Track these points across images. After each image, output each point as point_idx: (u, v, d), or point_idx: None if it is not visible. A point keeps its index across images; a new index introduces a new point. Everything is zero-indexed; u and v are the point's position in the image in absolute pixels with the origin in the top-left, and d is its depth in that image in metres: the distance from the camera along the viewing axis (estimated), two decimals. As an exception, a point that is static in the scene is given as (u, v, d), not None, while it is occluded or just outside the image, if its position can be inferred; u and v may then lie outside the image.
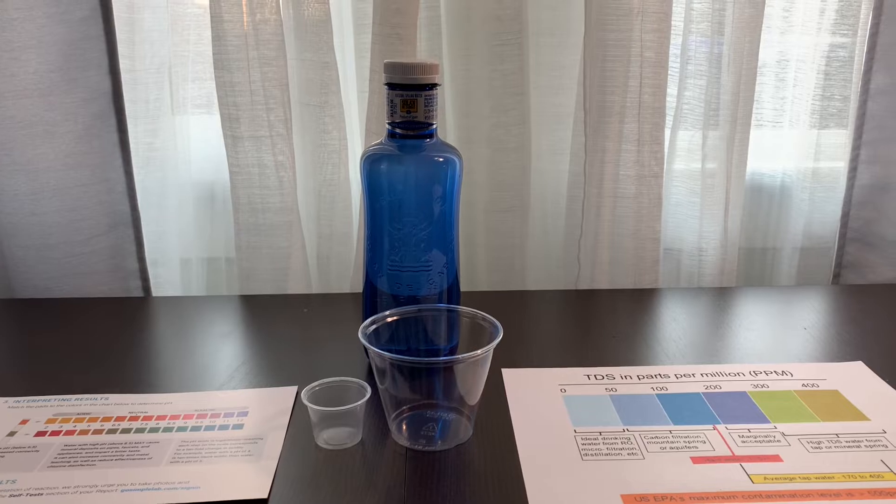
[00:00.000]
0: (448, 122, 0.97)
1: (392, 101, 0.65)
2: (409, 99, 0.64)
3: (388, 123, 0.66)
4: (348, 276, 0.99)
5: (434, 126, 0.67)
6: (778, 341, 0.81)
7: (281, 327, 0.85)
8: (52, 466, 0.59)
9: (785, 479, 0.56)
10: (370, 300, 0.71)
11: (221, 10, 0.86)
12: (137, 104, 0.96)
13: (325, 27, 0.90)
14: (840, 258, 1.05)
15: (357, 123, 0.98)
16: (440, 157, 0.67)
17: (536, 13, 0.94)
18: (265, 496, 0.55)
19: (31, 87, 0.87)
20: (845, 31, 0.99)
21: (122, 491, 0.55)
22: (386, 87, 0.65)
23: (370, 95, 0.90)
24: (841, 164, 1.04)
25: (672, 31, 0.91)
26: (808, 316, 0.88)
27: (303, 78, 0.92)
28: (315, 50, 0.90)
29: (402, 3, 0.86)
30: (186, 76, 0.99)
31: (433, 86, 0.65)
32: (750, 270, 1.09)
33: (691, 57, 0.95)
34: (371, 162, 0.67)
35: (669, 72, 0.92)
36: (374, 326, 0.63)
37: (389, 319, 0.64)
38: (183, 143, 1.01)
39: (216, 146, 0.95)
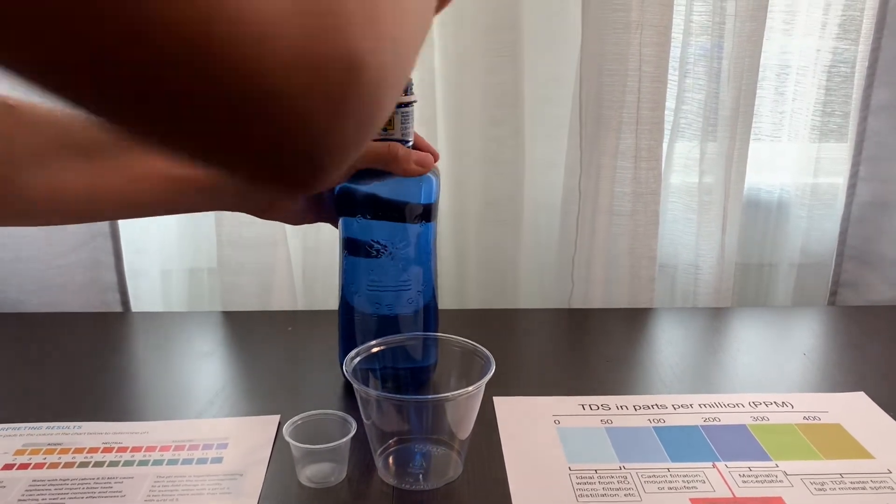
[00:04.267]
0: (440, 132, 0.94)
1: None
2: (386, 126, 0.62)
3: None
4: (335, 293, 0.96)
5: (410, 142, 0.64)
6: (777, 368, 0.79)
7: (264, 347, 0.82)
8: (18, 505, 0.55)
9: (788, 525, 0.54)
10: (346, 318, 0.68)
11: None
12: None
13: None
14: (837, 276, 1.03)
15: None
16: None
17: (532, 23, 0.91)
18: (244, 542, 0.52)
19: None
20: (847, 46, 0.96)
21: (92, 534, 0.52)
22: None
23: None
24: (840, 180, 1.02)
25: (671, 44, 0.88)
26: (807, 340, 0.86)
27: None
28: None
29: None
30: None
31: (409, 103, 0.63)
32: (745, 287, 1.07)
33: (690, 70, 0.92)
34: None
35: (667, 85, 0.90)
36: (358, 358, 0.60)
37: (375, 350, 0.62)
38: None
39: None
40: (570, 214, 0.94)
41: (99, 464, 0.61)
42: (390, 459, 0.60)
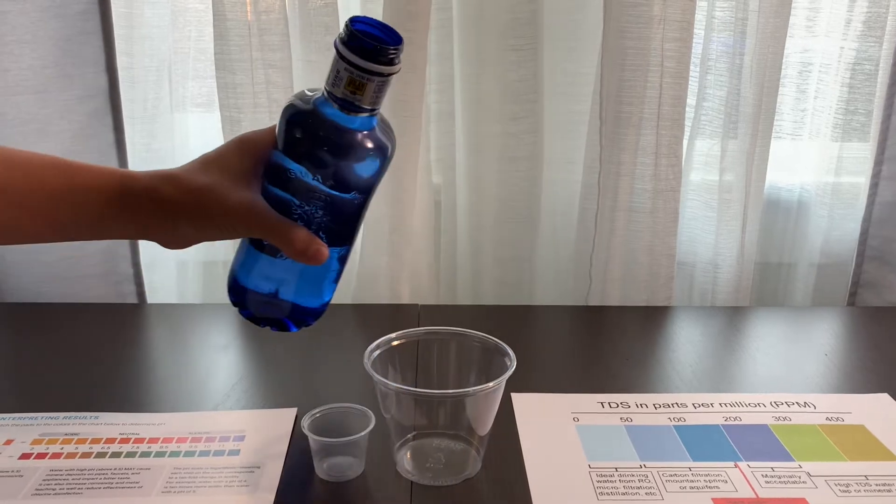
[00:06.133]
0: (458, 127, 0.94)
1: (337, 71, 0.51)
2: (357, 80, 0.51)
3: (326, 90, 0.52)
4: (350, 285, 0.95)
5: (376, 117, 0.54)
6: (798, 368, 0.78)
7: (281, 340, 0.80)
8: (36, 494, 0.55)
9: (813, 526, 0.53)
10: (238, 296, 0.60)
11: (224, 7, 0.82)
12: (135, 103, 0.92)
13: (332, 29, 0.86)
14: (857, 276, 1.02)
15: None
16: (373, 145, 0.55)
17: (552, 18, 0.91)
18: (262, 535, 0.51)
19: (24, 84, 0.83)
20: (871, 44, 0.95)
21: (109, 525, 0.52)
22: (335, 47, 0.50)
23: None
24: (862, 180, 1.00)
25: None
26: (828, 340, 0.85)
27: (308, 81, 0.88)
28: (322, 52, 0.86)
29: (414, 6, 0.82)
30: (187, 73, 0.95)
31: (391, 74, 0.52)
32: (764, 286, 1.06)
33: (711, 66, 0.91)
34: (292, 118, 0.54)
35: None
36: (378, 352, 0.60)
37: (395, 343, 0.61)
38: (181, 143, 0.97)
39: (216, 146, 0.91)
40: (589, 211, 0.93)
41: (116, 454, 0.60)
42: (409, 454, 0.59)
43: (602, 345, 0.84)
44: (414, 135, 0.87)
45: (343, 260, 0.58)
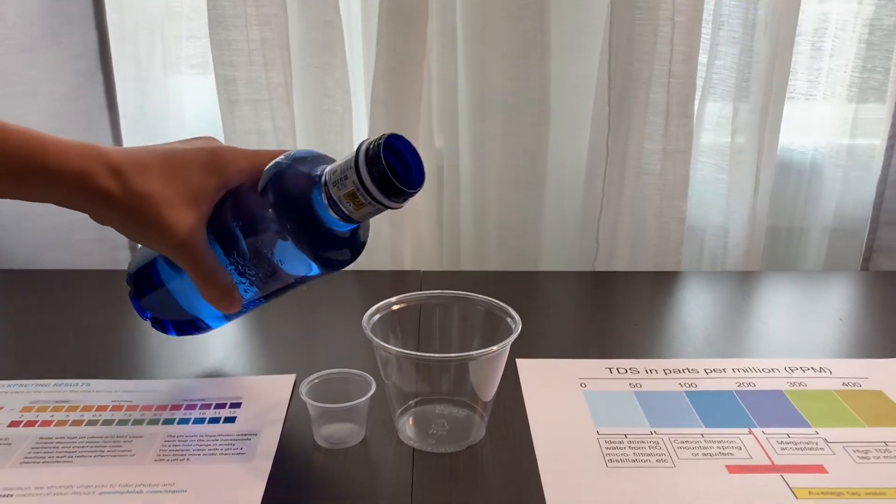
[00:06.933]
0: (460, 85, 0.90)
1: (346, 176, 0.48)
2: (360, 199, 0.48)
3: (326, 181, 0.49)
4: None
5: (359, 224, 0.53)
6: (812, 333, 0.76)
7: (278, 306, 0.78)
8: (24, 462, 0.53)
9: (832, 493, 0.51)
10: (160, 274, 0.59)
11: (217, -40, 0.79)
12: (127, 62, 0.89)
13: (329, -18, 0.82)
14: (871, 241, 0.99)
15: (363, 87, 0.91)
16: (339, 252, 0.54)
17: (559, -30, 0.87)
18: (258, 502, 0.49)
19: (9, 43, 0.80)
20: (890, -1, 0.91)
21: (100, 493, 0.50)
22: (356, 156, 0.48)
23: (377, 57, 0.83)
24: (877, 142, 0.97)
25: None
26: (842, 305, 0.83)
27: (305, 37, 0.85)
28: (319, 7, 0.83)
29: (414, -43, 0.78)
30: (180, 33, 0.92)
31: (392, 207, 0.50)
32: (774, 251, 1.03)
33: (724, 22, 0.88)
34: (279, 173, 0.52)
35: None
36: (378, 316, 0.57)
37: (396, 307, 0.59)
38: (176, 106, 0.94)
39: (212, 109, 0.88)
40: (596, 174, 0.90)
41: (108, 422, 0.58)
42: (410, 420, 0.57)
43: (609, 311, 0.82)
44: (414, 97, 0.84)
45: (248, 310, 0.59)
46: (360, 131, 0.91)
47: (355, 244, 0.54)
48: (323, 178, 0.50)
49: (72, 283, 0.84)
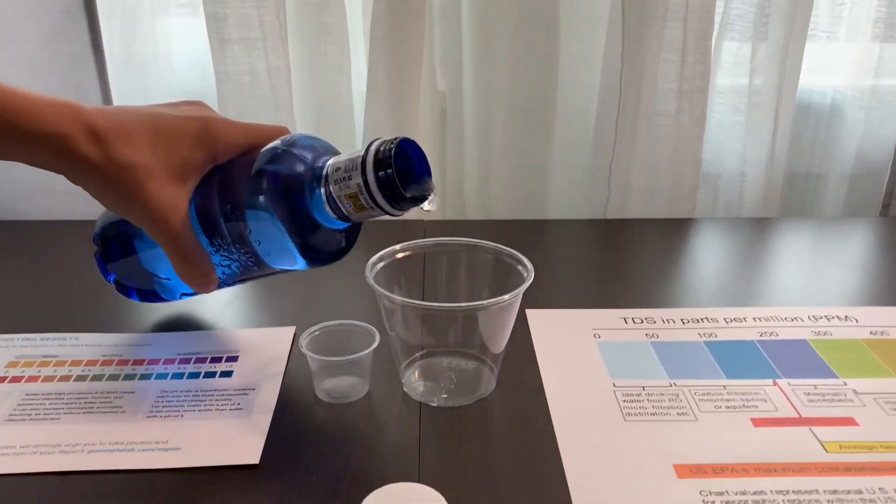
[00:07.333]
0: (464, 23, 0.85)
1: (350, 176, 0.45)
2: (362, 202, 0.46)
3: (327, 176, 0.47)
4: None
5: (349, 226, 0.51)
6: (834, 281, 0.72)
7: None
8: (10, 420, 0.50)
9: (864, 447, 0.48)
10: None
11: None
12: (113, 1, 0.84)
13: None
14: (893, 186, 0.95)
15: (361, 26, 0.86)
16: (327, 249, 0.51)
17: None
18: (256, 461, 0.47)
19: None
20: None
21: (89, 451, 0.47)
22: (364, 156, 0.45)
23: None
24: (902, 82, 0.93)
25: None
26: (864, 252, 0.79)
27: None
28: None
29: None
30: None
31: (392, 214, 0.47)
32: (790, 197, 0.99)
33: (744, -47, 0.83)
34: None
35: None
36: (381, 264, 0.54)
37: (400, 255, 0.55)
38: (165, 47, 0.89)
39: (203, 50, 0.83)
40: (608, 116, 0.86)
41: (97, 377, 0.55)
42: (417, 374, 0.54)
43: (622, 259, 0.78)
44: (416, 35, 0.80)
45: (225, 287, 0.56)
46: (359, 74, 0.87)
47: (347, 242, 0.52)
48: (325, 173, 0.47)
49: (57, 234, 0.81)
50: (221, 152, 0.49)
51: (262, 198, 0.47)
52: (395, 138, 0.45)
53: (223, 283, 0.54)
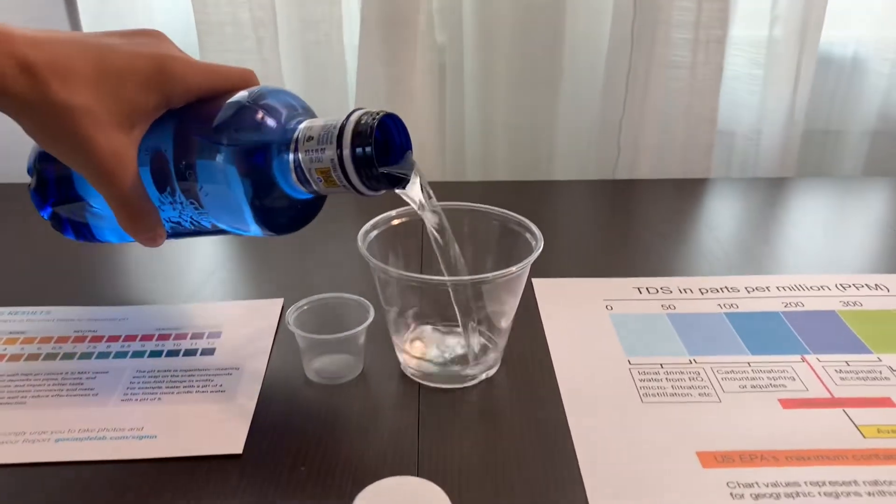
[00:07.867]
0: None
1: (323, 149, 0.41)
2: (333, 179, 0.42)
3: (298, 142, 0.42)
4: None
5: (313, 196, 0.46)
6: (860, 245, 0.68)
7: (264, 222, 0.71)
8: (-29, 405, 0.46)
9: (904, 432, 0.44)
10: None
11: None
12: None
13: None
14: (917, 144, 0.90)
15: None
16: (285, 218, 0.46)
17: None
18: (239, 451, 0.42)
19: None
20: None
21: (56, 441, 0.43)
22: (340, 129, 0.41)
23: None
24: (931, 32, 0.87)
25: None
26: (890, 213, 0.75)
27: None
28: None
29: None
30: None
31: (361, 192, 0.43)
32: (807, 156, 0.94)
33: None
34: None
35: None
36: (375, 232, 0.49)
37: (396, 222, 0.51)
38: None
39: (184, 1, 0.77)
40: (619, 69, 0.80)
41: (69, 356, 0.51)
42: (415, 351, 0.50)
43: (633, 223, 0.74)
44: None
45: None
46: (351, 24, 0.81)
47: (308, 213, 0.47)
48: (295, 138, 0.42)
49: (26, 198, 0.75)
50: (177, 96, 0.43)
51: (220, 157, 0.42)
52: (379, 112, 0.41)
53: (171, 237, 0.49)
